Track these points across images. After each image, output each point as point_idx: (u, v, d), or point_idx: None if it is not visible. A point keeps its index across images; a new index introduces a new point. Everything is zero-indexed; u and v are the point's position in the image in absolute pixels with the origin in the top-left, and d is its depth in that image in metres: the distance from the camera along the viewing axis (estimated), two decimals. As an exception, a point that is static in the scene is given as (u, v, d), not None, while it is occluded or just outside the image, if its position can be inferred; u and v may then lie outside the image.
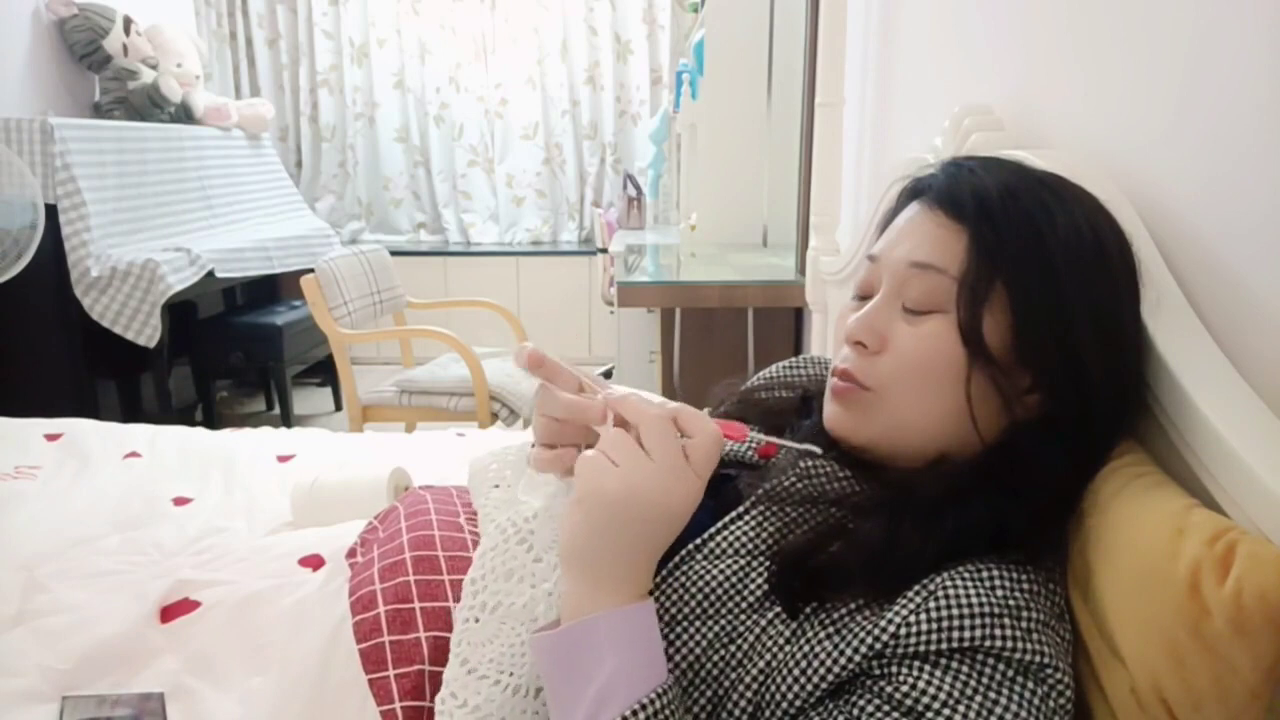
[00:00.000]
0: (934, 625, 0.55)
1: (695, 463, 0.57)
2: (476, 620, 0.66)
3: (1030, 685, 0.54)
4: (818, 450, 0.66)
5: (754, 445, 0.79)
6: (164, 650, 1.01)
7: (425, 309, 3.26)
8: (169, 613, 1.05)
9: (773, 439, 0.66)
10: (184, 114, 3.51)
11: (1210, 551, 0.52)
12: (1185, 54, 0.74)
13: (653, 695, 0.54)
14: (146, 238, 3.06)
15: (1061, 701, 0.55)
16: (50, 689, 0.97)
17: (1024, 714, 0.53)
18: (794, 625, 0.60)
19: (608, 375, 3.40)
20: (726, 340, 2.47)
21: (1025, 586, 0.58)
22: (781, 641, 0.60)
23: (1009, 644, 0.54)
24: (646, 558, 0.59)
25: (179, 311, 3.21)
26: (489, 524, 0.84)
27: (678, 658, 0.61)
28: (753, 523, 0.67)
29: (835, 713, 0.56)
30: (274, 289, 3.99)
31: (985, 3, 1.20)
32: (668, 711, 0.54)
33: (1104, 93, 0.88)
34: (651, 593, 0.61)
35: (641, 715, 0.53)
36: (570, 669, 0.56)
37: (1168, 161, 0.76)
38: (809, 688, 0.57)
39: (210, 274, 3.07)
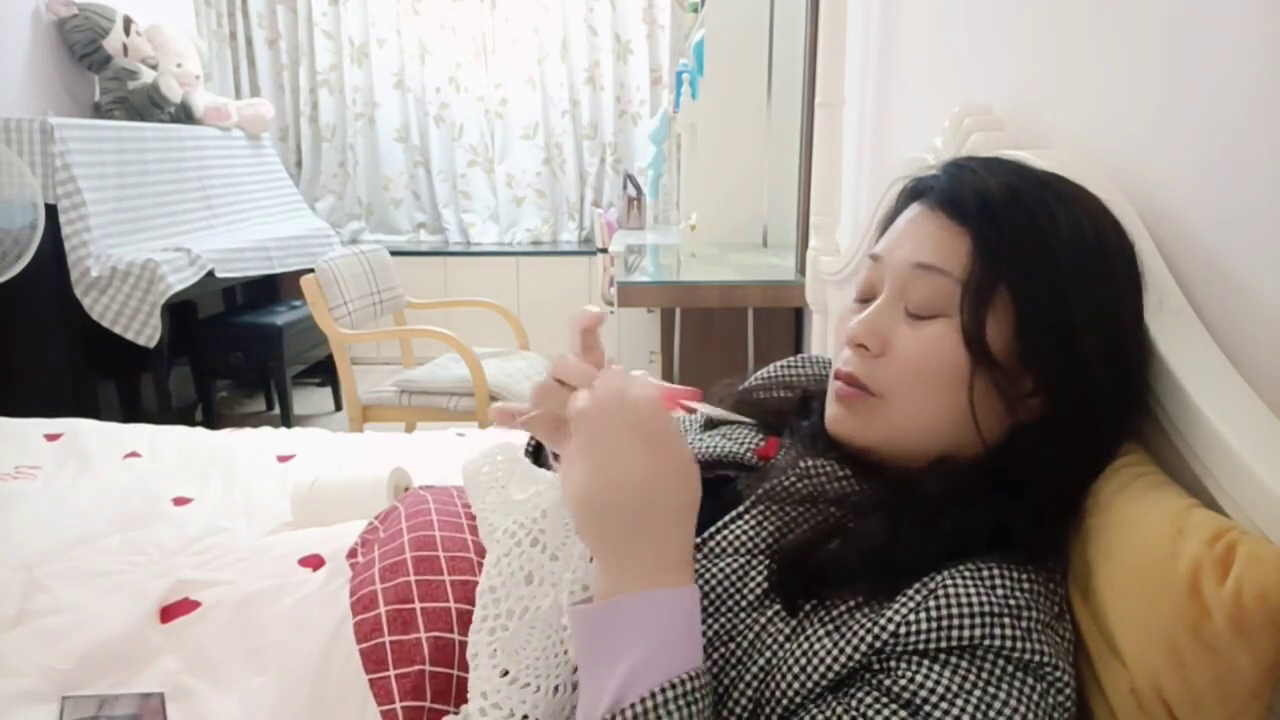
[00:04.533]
0: (934, 624, 0.55)
1: (644, 436, 0.54)
2: (505, 629, 0.66)
3: (1030, 681, 0.54)
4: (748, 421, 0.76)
5: (690, 420, 0.86)
6: (164, 650, 1.02)
7: (425, 309, 3.26)
8: (169, 613, 1.05)
9: (708, 408, 0.62)
10: (184, 114, 3.51)
11: (1210, 551, 0.52)
12: (1184, 50, 0.74)
13: (684, 675, 0.52)
14: (146, 238, 3.06)
15: (1061, 699, 0.55)
16: (50, 689, 0.97)
17: (1023, 709, 0.53)
18: (793, 623, 0.60)
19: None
20: (726, 340, 2.47)
21: (1026, 586, 0.58)
22: (781, 639, 0.60)
23: (1009, 643, 0.54)
24: (662, 541, 0.55)
25: (179, 311, 3.21)
26: (490, 529, 0.84)
27: None
28: (752, 522, 0.67)
29: (835, 706, 0.56)
30: (274, 289, 3.99)
31: (985, 3, 1.20)
32: (697, 695, 0.53)
33: (1104, 91, 0.88)
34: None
35: (670, 694, 0.52)
36: (601, 646, 0.55)
37: (1166, 159, 0.76)
38: (809, 684, 0.57)
39: (210, 274, 3.07)
